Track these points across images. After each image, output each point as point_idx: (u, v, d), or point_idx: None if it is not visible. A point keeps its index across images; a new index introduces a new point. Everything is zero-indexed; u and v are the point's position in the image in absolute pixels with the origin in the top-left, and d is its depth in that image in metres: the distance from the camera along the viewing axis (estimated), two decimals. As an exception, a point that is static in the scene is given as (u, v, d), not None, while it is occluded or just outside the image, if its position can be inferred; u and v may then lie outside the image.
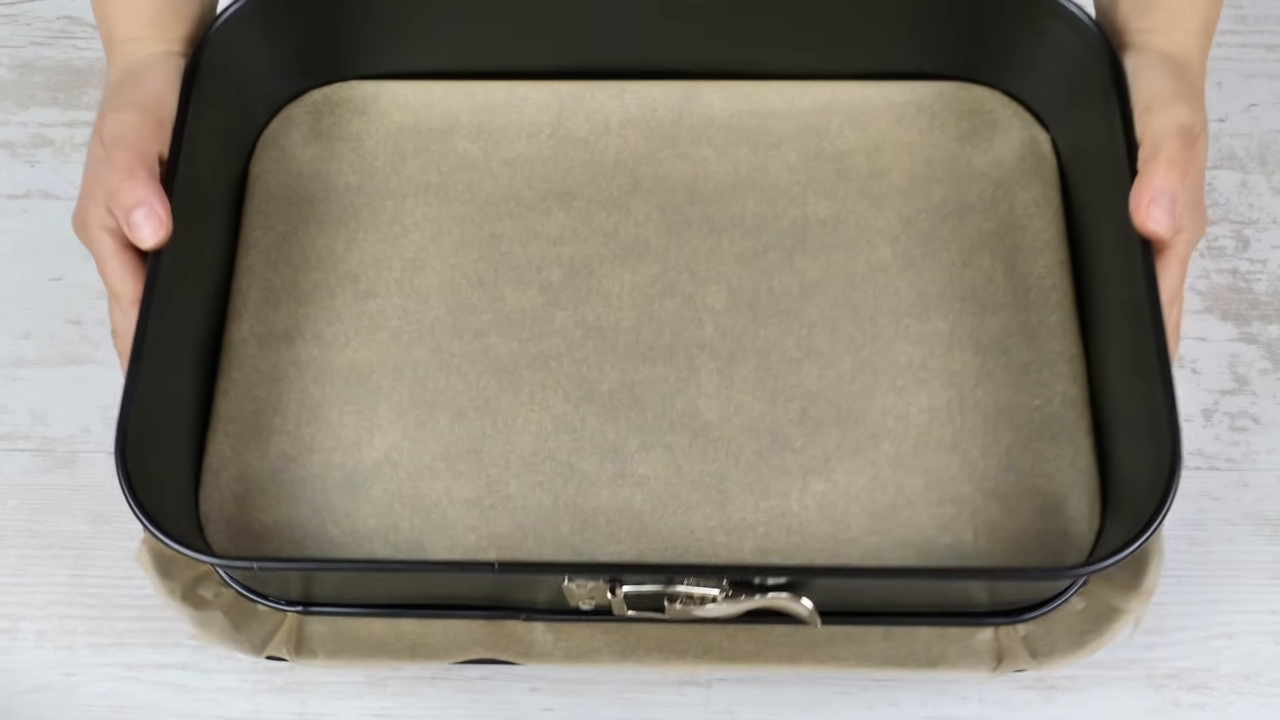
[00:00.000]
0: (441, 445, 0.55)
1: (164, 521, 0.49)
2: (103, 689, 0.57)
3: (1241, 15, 0.71)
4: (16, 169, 0.68)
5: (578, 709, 0.56)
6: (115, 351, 0.57)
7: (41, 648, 0.58)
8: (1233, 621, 0.58)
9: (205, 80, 0.57)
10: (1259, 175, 0.67)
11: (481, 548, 0.54)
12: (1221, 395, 0.62)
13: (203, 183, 0.57)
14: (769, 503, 0.54)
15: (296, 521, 0.54)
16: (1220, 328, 0.64)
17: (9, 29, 0.72)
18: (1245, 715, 0.57)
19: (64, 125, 0.69)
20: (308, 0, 0.59)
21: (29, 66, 0.70)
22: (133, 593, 0.59)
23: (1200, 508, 0.60)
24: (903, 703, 0.56)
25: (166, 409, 0.53)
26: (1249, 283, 0.65)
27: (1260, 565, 0.59)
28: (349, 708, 0.57)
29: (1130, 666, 0.57)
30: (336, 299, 0.58)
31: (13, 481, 0.61)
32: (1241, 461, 0.61)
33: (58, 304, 0.65)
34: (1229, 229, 0.66)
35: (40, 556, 0.60)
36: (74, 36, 0.72)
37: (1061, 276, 0.58)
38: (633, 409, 0.56)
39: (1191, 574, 0.59)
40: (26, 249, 0.66)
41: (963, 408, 0.56)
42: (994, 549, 0.53)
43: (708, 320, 0.58)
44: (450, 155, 0.61)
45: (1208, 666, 0.57)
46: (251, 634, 0.53)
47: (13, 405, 0.63)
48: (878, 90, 0.62)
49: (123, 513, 0.58)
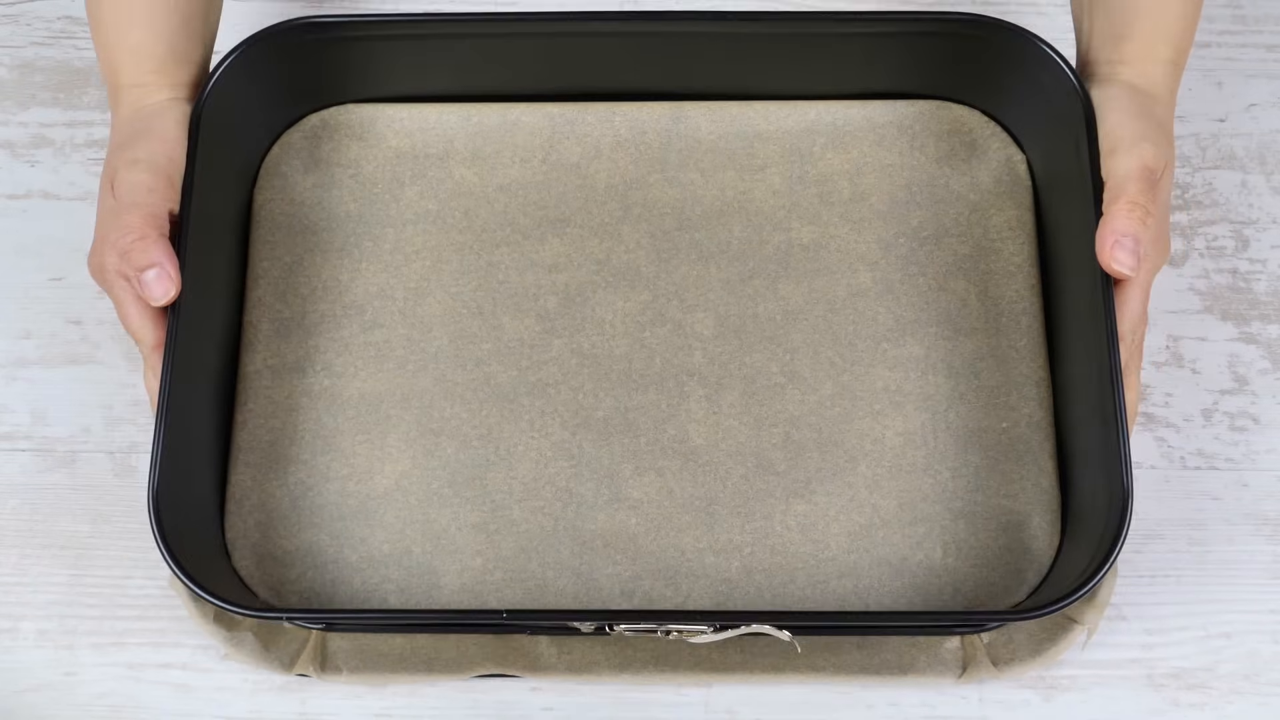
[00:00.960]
0: (448, 472, 0.59)
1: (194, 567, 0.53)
2: (103, 688, 0.59)
3: (1241, 15, 0.70)
4: (17, 169, 0.68)
5: (578, 709, 0.59)
6: (116, 353, 0.59)
7: (42, 647, 0.59)
8: (1232, 621, 0.59)
9: (210, 123, 0.59)
10: (1258, 175, 0.67)
11: (488, 569, 0.58)
12: (1221, 395, 0.63)
13: (212, 217, 0.59)
14: (754, 524, 0.58)
15: (317, 547, 0.58)
16: (1220, 327, 0.64)
17: (9, 29, 0.71)
18: (1244, 715, 0.57)
19: (64, 125, 0.69)
20: (304, 30, 0.60)
21: (29, 66, 0.70)
22: (133, 592, 0.60)
23: (1200, 507, 0.61)
24: (903, 702, 0.58)
25: (192, 449, 0.57)
26: (1249, 282, 0.65)
27: (1260, 565, 0.60)
28: (349, 707, 0.58)
29: (1130, 666, 0.58)
30: (344, 329, 0.61)
31: (13, 481, 0.62)
32: (1241, 461, 0.62)
33: (58, 304, 0.65)
34: (1228, 229, 0.66)
35: (41, 556, 0.61)
36: (74, 37, 0.71)
37: (1032, 301, 0.61)
38: (626, 435, 0.59)
39: (1191, 574, 0.60)
40: (27, 249, 0.66)
41: (935, 431, 0.59)
42: (961, 565, 0.58)
43: (696, 347, 0.61)
44: (447, 182, 0.64)
45: (1207, 666, 0.58)
46: (280, 652, 0.58)
47: (13, 405, 0.63)
48: (860, 110, 0.64)
49: (123, 512, 0.62)
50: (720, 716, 0.59)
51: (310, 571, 0.58)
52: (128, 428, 0.63)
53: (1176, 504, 0.61)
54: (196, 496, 0.58)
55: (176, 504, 0.55)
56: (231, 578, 0.57)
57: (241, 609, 0.52)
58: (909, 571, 0.57)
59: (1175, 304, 0.64)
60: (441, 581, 0.57)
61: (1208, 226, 0.66)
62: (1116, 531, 0.52)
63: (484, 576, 0.58)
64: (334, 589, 0.58)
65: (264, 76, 0.61)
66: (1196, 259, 0.65)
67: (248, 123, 0.62)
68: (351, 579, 0.58)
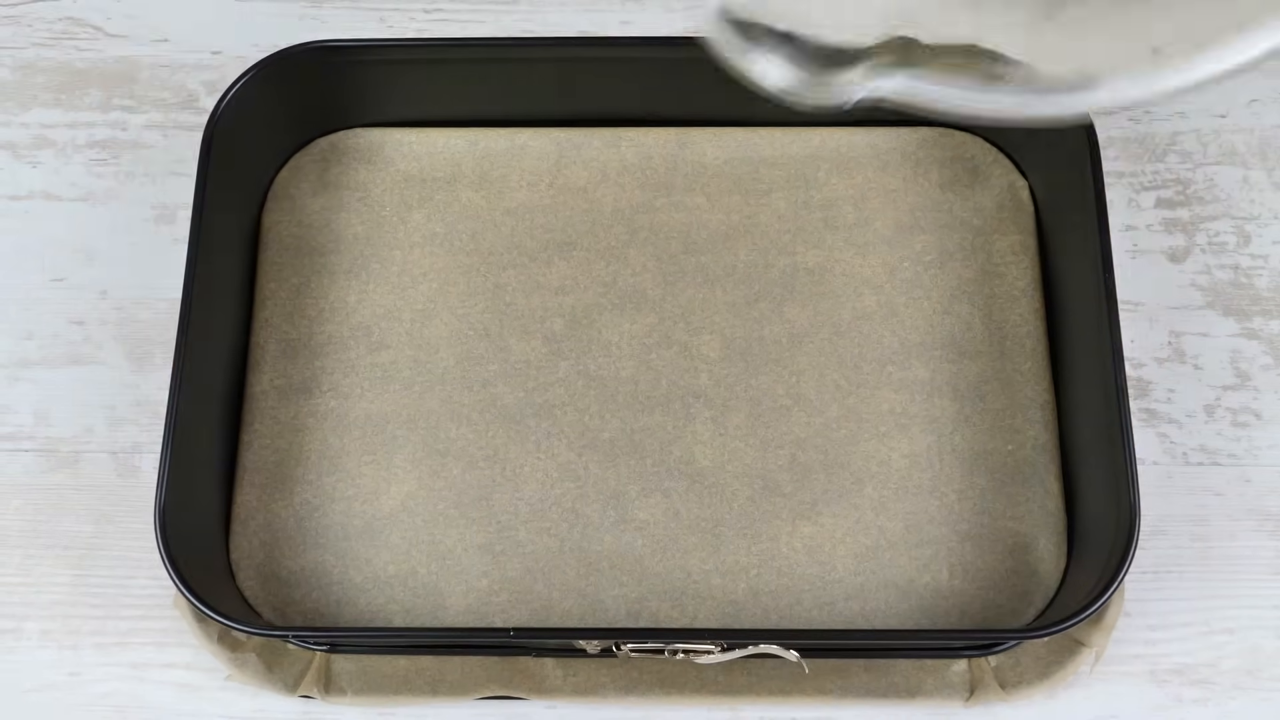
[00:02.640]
0: (454, 493, 0.59)
1: (200, 586, 0.52)
2: (107, 688, 0.59)
3: (1242, 12, 0.72)
4: (18, 170, 0.68)
5: (583, 710, 0.58)
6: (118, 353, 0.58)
7: (46, 647, 0.59)
8: (1235, 617, 0.59)
9: (221, 144, 0.59)
10: (1260, 171, 0.67)
11: (494, 590, 0.58)
12: (1223, 391, 0.63)
13: (220, 238, 0.60)
14: (760, 545, 0.58)
15: (322, 568, 0.58)
16: (1222, 323, 0.64)
17: (11, 30, 0.71)
18: (1247, 710, 0.57)
19: (65, 126, 0.69)
20: (314, 56, 0.61)
21: (30, 68, 0.70)
22: (136, 592, 0.60)
23: (1202, 503, 0.61)
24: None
25: (199, 469, 0.57)
26: (1250, 278, 0.65)
27: (1263, 561, 0.60)
28: (353, 711, 0.58)
29: (1133, 662, 0.58)
30: (350, 351, 0.62)
31: (16, 482, 0.62)
32: (1244, 457, 0.61)
33: (60, 305, 0.65)
34: (1230, 224, 0.66)
35: (44, 556, 0.61)
36: (75, 38, 0.72)
37: (1036, 324, 0.61)
38: (633, 456, 0.60)
39: (1194, 570, 0.60)
40: (28, 250, 0.66)
41: (941, 453, 0.59)
42: (968, 587, 0.58)
43: (702, 369, 0.61)
44: (454, 205, 0.64)
45: (1210, 662, 0.58)
46: (284, 673, 0.57)
47: (16, 406, 0.63)
48: (864, 137, 0.65)
49: (126, 513, 0.61)
50: (724, 717, 0.58)
51: (315, 592, 0.58)
52: (130, 428, 0.63)
53: (1179, 500, 0.61)
54: (202, 516, 0.58)
55: (182, 523, 0.55)
56: (236, 597, 0.57)
57: (246, 628, 0.52)
58: (916, 594, 0.57)
59: (1177, 300, 0.64)
60: (447, 602, 0.57)
61: (1209, 222, 0.66)
62: (1123, 553, 0.52)
63: (490, 598, 0.57)
64: (339, 609, 0.57)
65: (276, 99, 0.62)
66: (1198, 254, 0.65)
67: (258, 145, 0.63)
68: (356, 599, 0.58)
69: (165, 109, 0.69)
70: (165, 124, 0.69)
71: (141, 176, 0.68)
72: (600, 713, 0.58)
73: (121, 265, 0.66)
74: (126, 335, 0.64)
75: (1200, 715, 0.58)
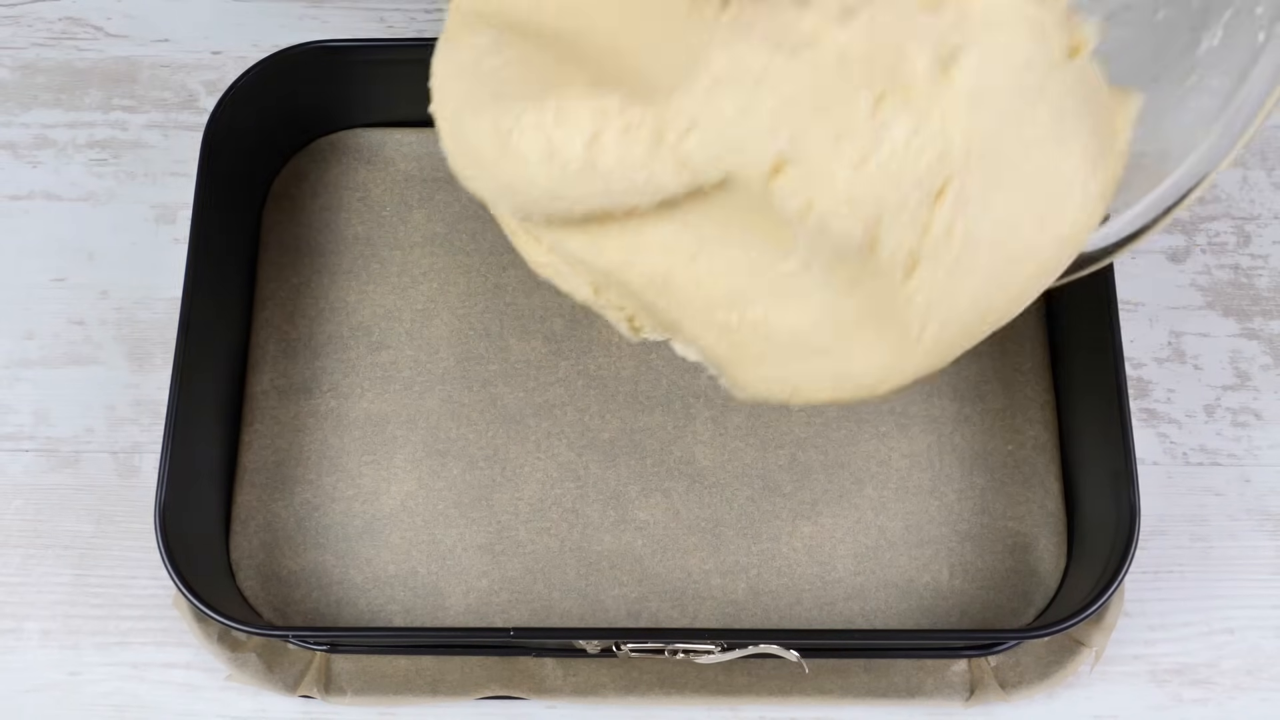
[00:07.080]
0: (454, 493, 0.59)
1: (200, 586, 0.53)
2: (107, 688, 0.59)
3: (1243, 10, 0.72)
4: (19, 170, 0.68)
5: (583, 710, 0.58)
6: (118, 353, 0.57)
7: (46, 647, 0.59)
8: (1235, 617, 0.59)
9: (221, 144, 0.59)
10: (1259, 171, 0.67)
11: (494, 591, 0.58)
12: (1223, 391, 0.63)
13: (220, 238, 0.60)
14: (761, 545, 0.58)
15: (322, 568, 0.58)
16: (1222, 323, 0.64)
17: (11, 30, 0.71)
18: (1247, 710, 0.57)
19: (66, 126, 0.69)
20: (314, 56, 0.61)
21: (31, 68, 0.70)
22: (137, 592, 0.60)
23: (1202, 503, 0.61)
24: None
25: (199, 469, 0.57)
26: (1250, 278, 0.65)
27: (1263, 560, 0.60)
28: (354, 710, 0.58)
29: (1133, 662, 0.58)
30: (350, 351, 0.62)
31: (17, 482, 0.62)
32: (1244, 457, 0.61)
33: (60, 304, 0.65)
34: (1230, 225, 0.66)
35: (44, 556, 0.61)
36: (76, 38, 0.72)
37: (1036, 324, 0.61)
38: (633, 456, 0.60)
39: (1194, 570, 0.60)
40: (29, 250, 0.66)
41: (941, 452, 0.59)
42: (968, 587, 0.58)
43: (702, 369, 0.61)
44: (454, 205, 0.64)
45: (1210, 662, 0.58)
46: (284, 673, 0.57)
47: (16, 406, 0.63)
48: (864, 136, 0.65)
49: (126, 513, 0.61)
50: (725, 716, 0.58)
51: (315, 592, 0.58)
52: (131, 428, 0.63)
53: (1179, 500, 0.61)
54: (202, 516, 0.58)
55: (182, 523, 0.55)
56: (236, 598, 0.57)
57: (246, 628, 0.52)
58: (916, 594, 0.57)
59: (1177, 300, 0.64)
60: (447, 602, 0.57)
61: (1209, 222, 0.66)
62: (1123, 553, 0.52)
63: (490, 597, 0.57)
64: (339, 609, 0.57)
65: (276, 99, 0.62)
66: (1198, 255, 0.65)
67: (258, 144, 0.63)
68: (357, 600, 0.58)
69: (165, 109, 0.69)
70: (165, 124, 0.69)
71: (142, 176, 0.68)
72: (600, 713, 0.58)
73: (122, 265, 0.66)
74: (126, 335, 0.64)
75: (1200, 715, 0.58)
